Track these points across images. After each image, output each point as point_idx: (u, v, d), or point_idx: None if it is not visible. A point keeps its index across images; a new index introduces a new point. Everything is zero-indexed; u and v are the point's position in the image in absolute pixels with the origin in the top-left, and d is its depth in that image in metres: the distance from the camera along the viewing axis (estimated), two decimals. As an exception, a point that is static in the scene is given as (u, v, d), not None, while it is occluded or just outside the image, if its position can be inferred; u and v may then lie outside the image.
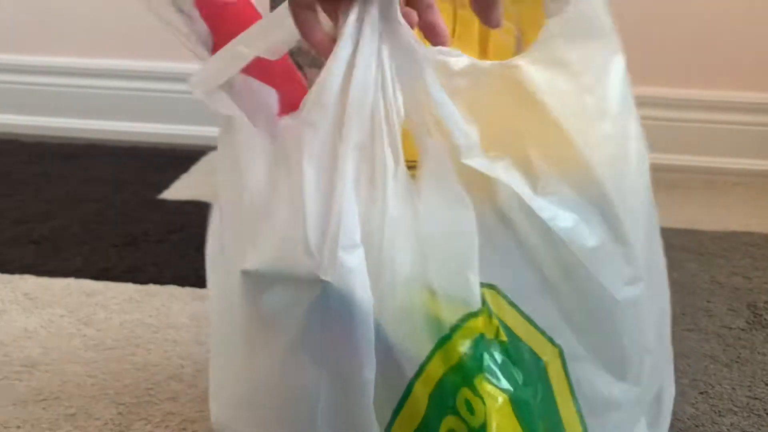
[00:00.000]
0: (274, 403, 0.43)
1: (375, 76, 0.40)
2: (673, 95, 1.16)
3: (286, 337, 0.41)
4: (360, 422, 0.40)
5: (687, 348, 0.69)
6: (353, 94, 0.39)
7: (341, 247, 0.38)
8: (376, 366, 0.39)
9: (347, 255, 0.38)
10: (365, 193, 0.40)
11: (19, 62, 1.29)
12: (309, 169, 0.39)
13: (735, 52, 1.13)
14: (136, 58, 1.26)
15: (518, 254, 0.42)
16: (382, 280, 0.39)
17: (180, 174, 1.12)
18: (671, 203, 1.05)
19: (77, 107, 1.30)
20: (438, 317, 0.40)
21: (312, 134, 0.40)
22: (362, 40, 0.39)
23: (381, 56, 0.40)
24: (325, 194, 0.39)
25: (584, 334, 0.44)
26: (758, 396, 0.62)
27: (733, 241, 0.92)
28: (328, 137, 0.40)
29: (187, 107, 1.27)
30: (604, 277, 0.43)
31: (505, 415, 0.40)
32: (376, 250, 0.39)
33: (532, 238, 0.42)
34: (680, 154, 1.19)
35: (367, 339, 0.39)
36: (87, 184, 1.08)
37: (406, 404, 0.40)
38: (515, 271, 0.42)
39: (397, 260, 0.40)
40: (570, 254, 0.42)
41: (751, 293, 0.79)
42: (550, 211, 0.42)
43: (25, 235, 0.91)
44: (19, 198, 1.02)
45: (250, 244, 0.41)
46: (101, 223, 0.95)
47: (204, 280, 0.81)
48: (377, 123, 0.40)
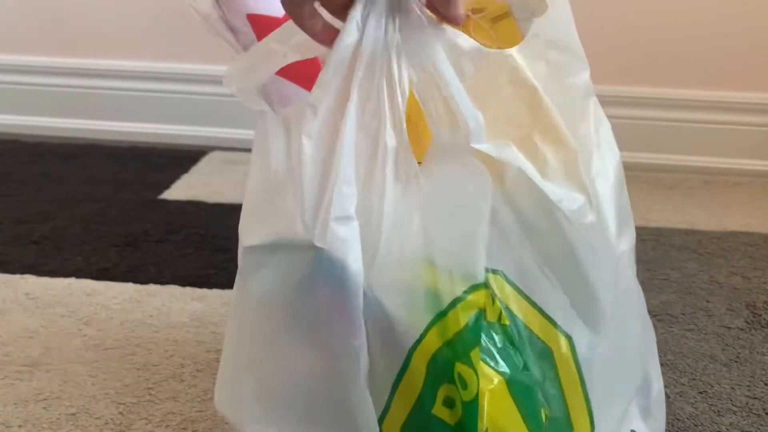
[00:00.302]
0: (272, 384, 0.44)
1: (380, 57, 0.41)
2: (673, 95, 1.16)
3: (280, 315, 0.43)
4: (352, 397, 0.41)
5: (686, 348, 0.69)
6: (358, 74, 0.41)
7: (334, 218, 0.40)
8: (376, 339, 0.41)
9: (339, 226, 0.40)
10: (365, 170, 0.41)
11: (20, 62, 1.29)
12: (308, 148, 0.41)
13: (735, 52, 1.13)
14: (136, 58, 1.27)
15: (525, 238, 0.43)
16: (380, 252, 0.41)
17: (180, 174, 1.12)
18: (670, 203, 1.05)
19: (78, 107, 1.30)
20: (437, 291, 0.41)
21: (311, 114, 0.42)
22: (370, 21, 0.41)
23: (387, 35, 0.41)
24: (323, 170, 0.41)
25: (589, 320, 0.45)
26: (757, 395, 0.63)
27: (732, 241, 0.92)
28: (329, 117, 0.41)
29: (188, 107, 1.27)
30: (598, 261, 0.45)
31: (501, 397, 0.41)
32: (375, 225, 0.41)
33: (538, 222, 0.43)
34: (680, 154, 1.19)
35: (357, 306, 0.40)
36: (87, 184, 1.08)
37: (404, 376, 0.41)
38: (521, 256, 0.43)
39: (397, 235, 0.41)
40: (576, 235, 0.43)
41: (750, 293, 0.80)
42: (557, 194, 0.43)
43: (26, 235, 0.91)
44: (20, 198, 1.03)
45: (257, 222, 0.44)
46: (102, 223, 0.95)
47: (204, 279, 0.81)
48: (382, 103, 0.41)
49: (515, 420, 0.41)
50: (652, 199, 1.06)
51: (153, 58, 1.26)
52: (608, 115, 0.50)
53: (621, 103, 1.16)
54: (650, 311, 0.75)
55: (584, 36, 0.52)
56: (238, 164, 1.16)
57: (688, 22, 1.12)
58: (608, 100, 1.16)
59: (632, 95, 1.16)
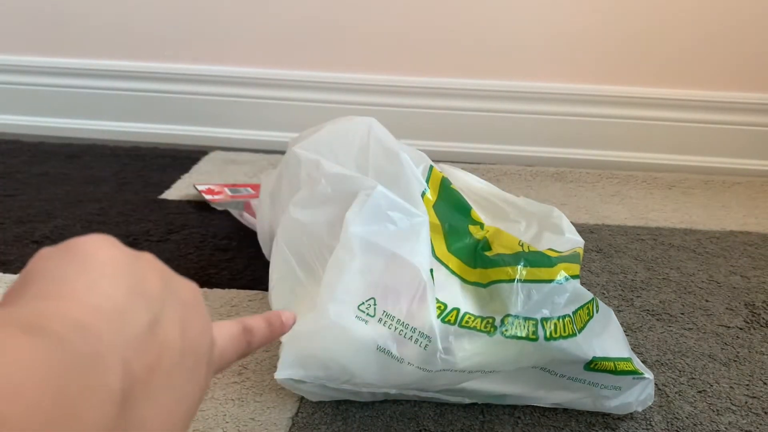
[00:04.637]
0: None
1: None
2: (672, 95, 1.16)
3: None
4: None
5: (685, 347, 0.69)
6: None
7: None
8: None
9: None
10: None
11: (20, 62, 1.30)
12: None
13: (735, 52, 1.14)
14: (136, 58, 1.27)
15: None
16: None
17: (181, 174, 1.12)
18: (670, 203, 1.05)
19: (78, 107, 1.31)
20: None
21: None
22: None
23: None
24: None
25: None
26: (756, 395, 0.63)
27: (732, 241, 0.92)
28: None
29: (188, 107, 1.28)
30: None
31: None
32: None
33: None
34: (679, 153, 1.19)
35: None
36: (88, 184, 1.08)
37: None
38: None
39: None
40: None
41: (749, 292, 0.80)
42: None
43: (27, 235, 0.91)
44: (21, 198, 1.03)
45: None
46: (103, 223, 0.95)
47: (204, 279, 0.81)
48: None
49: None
50: (652, 198, 1.06)
51: (153, 59, 1.26)
52: (608, 115, 0.51)
53: (620, 103, 1.16)
54: (649, 310, 0.75)
55: (585, 36, 0.52)
56: (239, 164, 1.17)
57: (688, 22, 1.12)
58: (608, 100, 1.16)
59: (632, 95, 1.16)
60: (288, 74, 1.23)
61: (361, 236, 0.53)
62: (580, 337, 0.54)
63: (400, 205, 0.55)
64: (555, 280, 0.55)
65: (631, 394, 0.58)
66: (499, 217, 0.71)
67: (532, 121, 1.20)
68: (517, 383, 0.58)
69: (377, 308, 0.52)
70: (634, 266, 0.85)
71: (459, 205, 0.65)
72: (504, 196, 0.73)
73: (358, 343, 0.52)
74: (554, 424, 0.58)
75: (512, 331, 0.53)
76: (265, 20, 1.21)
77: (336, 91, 1.23)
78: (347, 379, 0.55)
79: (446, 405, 0.60)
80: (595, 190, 1.09)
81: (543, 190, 1.09)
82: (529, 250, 0.59)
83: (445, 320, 0.53)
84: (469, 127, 1.22)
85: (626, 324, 0.73)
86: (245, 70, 1.24)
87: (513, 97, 1.19)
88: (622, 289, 0.79)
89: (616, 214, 1.00)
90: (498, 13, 1.15)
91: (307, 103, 1.24)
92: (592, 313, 0.56)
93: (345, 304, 0.52)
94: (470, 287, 0.57)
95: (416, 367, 0.53)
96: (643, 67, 1.15)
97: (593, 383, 0.57)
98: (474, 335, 0.53)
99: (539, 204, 0.72)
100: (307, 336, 0.52)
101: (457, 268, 0.59)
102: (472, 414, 0.59)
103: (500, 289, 0.55)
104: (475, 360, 0.53)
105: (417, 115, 1.22)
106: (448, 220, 0.62)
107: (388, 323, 0.52)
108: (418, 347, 0.52)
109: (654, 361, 0.67)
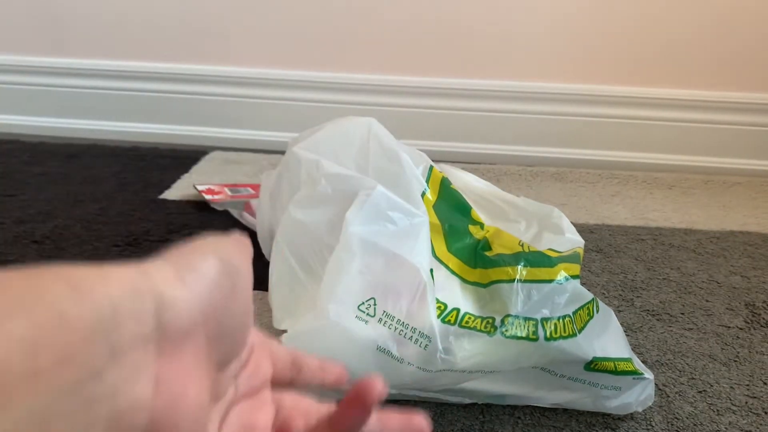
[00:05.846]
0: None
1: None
2: (672, 95, 1.16)
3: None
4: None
5: (685, 347, 0.69)
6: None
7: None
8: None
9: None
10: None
11: (20, 62, 1.30)
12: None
13: (735, 52, 1.14)
14: (136, 58, 1.27)
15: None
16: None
17: (181, 174, 1.12)
18: (670, 203, 1.05)
19: (78, 107, 1.31)
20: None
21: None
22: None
23: None
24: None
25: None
26: (756, 395, 0.63)
27: (732, 241, 0.92)
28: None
29: (188, 107, 1.28)
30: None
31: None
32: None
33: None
34: (679, 153, 1.19)
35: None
36: (88, 184, 1.08)
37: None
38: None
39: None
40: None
41: (749, 292, 0.80)
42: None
43: (27, 235, 0.91)
44: (21, 198, 1.03)
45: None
46: (103, 223, 0.95)
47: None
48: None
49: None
50: (652, 198, 1.06)
51: (153, 59, 1.26)
52: (608, 115, 0.51)
53: (620, 103, 1.16)
54: (649, 311, 0.75)
55: (586, 36, 0.52)
56: (238, 164, 1.17)
57: (688, 22, 1.12)
58: (608, 100, 1.16)
59: (632, 95, 1.16)
60: (288, 74, 1.23)
61: (361, 236, 0.53)
62: (581, 337, 0.54)
63: (400, 205, 0.55)
64: (555, 280, 0.55)
65: (631, 394, 0.58)
66: (499, 217, 0.71)
67: (532, 121, 1.20)
68: (517, 383, 0.58)
69: (377, 308, 0.52)
70: (634, 266, 0.85)
71: (459, 205, 0.65)
72: (504, 196, 0.73)
73: (358, 343, 0.52)
74: (554, 424, 0.58)
75: (512, 331, 0.53)
76: (265, 20, 1.21)
77: (336, 91, 1.23)
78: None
79: (446, 405, 0.60)
80: (595, 190, 1.09)
81: (543, 190, 1.09)
82: (529, 250, 0.59)
83: (445, 320, 0.53)
84: (469, 127, 1.22)
85: (626, 324, 0.72)
86: (245, 70, 1.24)
87: (513, 97, 1.19)
88: (622, 289, 0.79)
89: (616, 214, 1.00)
90: (498, 13, 1.15)
91: (307, 103, 1.24)
92: (592, 313, 0.56)
93: (345, 304, 0.52)
94: (470, 287, 0.57)
95: (416, 367, 0.53)
96: (644, 67, 1.15)
97: (593, 383, 0.57)
98: (474, 335, 0.53)
99: (539, 204, 0.72)
100: (307, 336, 0.52)
101: (457, 268, 0.59)
102: (472, 414, 0.59)
103: (500, 289, 0.55)
104: (475, 360, 0.53)
105: (417, 115, 1.22)
106: (448, 220, 0.62)
107: (388, 323, 0.52)
108: (418, 347, 0.52)
109: (654, 362, 0.67)
